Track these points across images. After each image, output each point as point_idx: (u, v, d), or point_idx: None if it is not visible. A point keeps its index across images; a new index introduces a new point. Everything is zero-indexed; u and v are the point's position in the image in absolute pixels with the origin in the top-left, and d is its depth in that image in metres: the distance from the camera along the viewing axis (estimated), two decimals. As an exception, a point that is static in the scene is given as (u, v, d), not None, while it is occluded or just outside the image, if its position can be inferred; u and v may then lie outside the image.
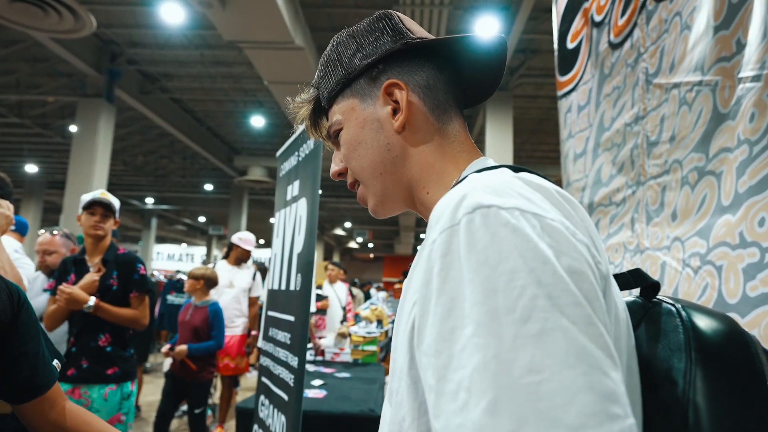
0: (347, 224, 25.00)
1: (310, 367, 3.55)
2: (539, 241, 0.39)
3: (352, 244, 30.49)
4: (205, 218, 24.69)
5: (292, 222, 2.13)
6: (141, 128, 12.09)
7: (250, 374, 6.80)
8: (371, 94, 0.64)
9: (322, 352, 4.08)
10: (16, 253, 2.61)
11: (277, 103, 9.57)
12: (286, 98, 0.73)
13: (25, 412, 0.96)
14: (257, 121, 11.17)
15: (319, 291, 5.29)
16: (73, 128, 9.66)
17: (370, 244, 31.60)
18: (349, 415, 2.36)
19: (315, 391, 2.74)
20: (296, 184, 2.16)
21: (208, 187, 17.52)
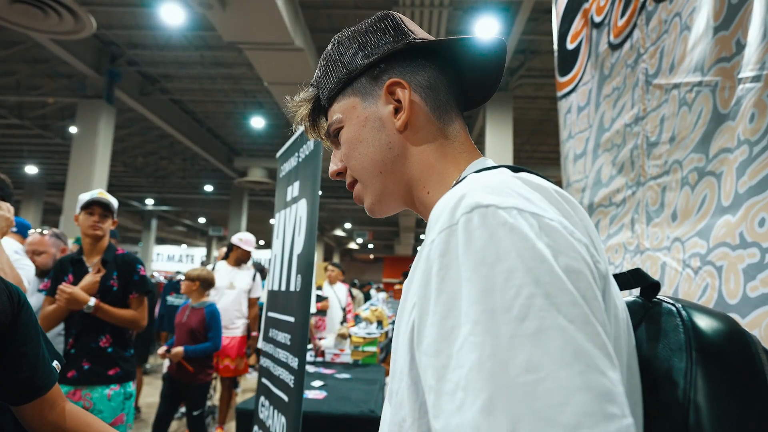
0: (347, 225, 25.00)
1: (310, 368, 3.55)
2: (537, 240, 0.39)
3: (352, 245, 30.50)
4: (205, 219, 24.69)
5: (292, 223, 2.13)
6: (141, 129, 12.09)
7: (250, 375, 6.80)
8: (373, 93, 0.64)
9: (322, 353, 4.08)
10: (16, 254, 2.59)
11: (277, 104, 9.58)
12: (286, 97, 0.73)
13: (24, 414, 0.96)
14: (257, 122, 11.18)
15: (319, 292, 5.29)
16: (73, 129, 9.67)
17: (370, 245, 31.60)
18: (350, 416, 2.36)
19: (315, 392, 2.74)
20: (296, 185, 2.16)
21: (208, 188, 17.53)
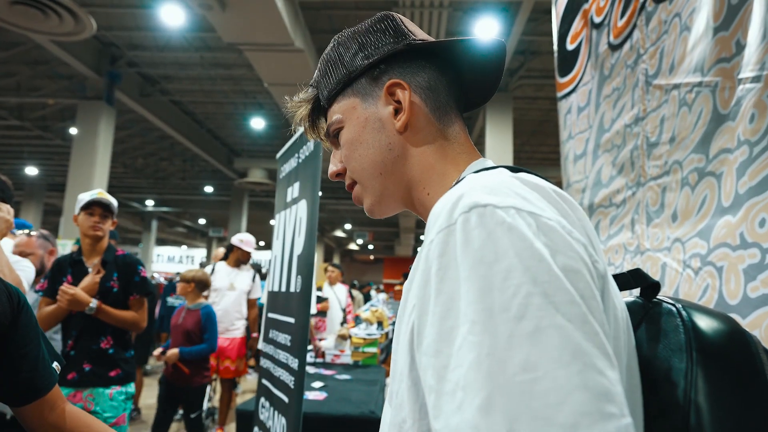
0: (347, 226, 25.00)
1: (311, 369, 3.55)
2: (535, 239, 0.39)
3: (353, 246, 30.50)
4: (206, 220, 24.69)
5: (292, 224, 2.13)
6: (141, 130, 12.10)
7: (251, 376, 6.80)
8: (373, 93, 0.64)
9: (322, 354, 4.08)
10: (17, 255, 2.59)
11: (277, 105, 9.59)
12: (285, 98, 0.73)
13: (24, 415, 0.96)
14: (257, 123, 11.19)
15: (319, 293, 5.28)
16: (74, 131, 9.68)
17: (371, 246, 31.60)
18: (350, 417, 2.36)
19: (315, 393, 2.74)
20: (296, 186, 2.16)
21: (209, 189, 17.53)
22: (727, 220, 1.11)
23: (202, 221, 24.86)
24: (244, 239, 4.37)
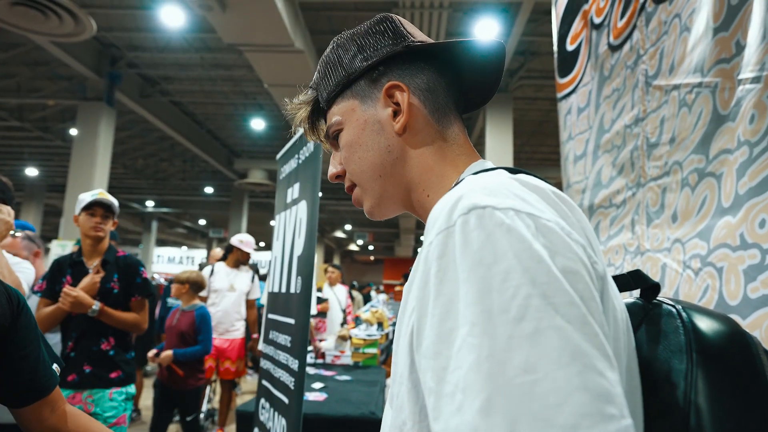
0: (347, 227, 25.00)
1: (311, 370, 3.55)
2: (534, 241, 0.39)
3: (353, 247, 30.50)
4: (206, 221, 24.69)
5: (292, 225, 2.13)
6: (141, 131, 12.11)
7: (250, 377, 6.80)
8: (372, 95, 0.64)
9: (322, 355, 4.07)
10: (17, 257, 2.59)
11: (277, 105, 9.59)
12: (285, 100, 0.73)
13: (24, 417, 0.96)
14: (257, 124, 11.19)
15: (319, 294, 5.28)
16: (74, 131, 9.69)
17: (371, 247, 31.60)
18: (350, 418, 2.36)
19: (315, 394, 2.74)
20: (296, 187, 2.16)
21: (209, 190, 17.53)
22: (727, 221, 1.11)
23: (203, 222, 24.86)
24: (243, 240, 4.37)
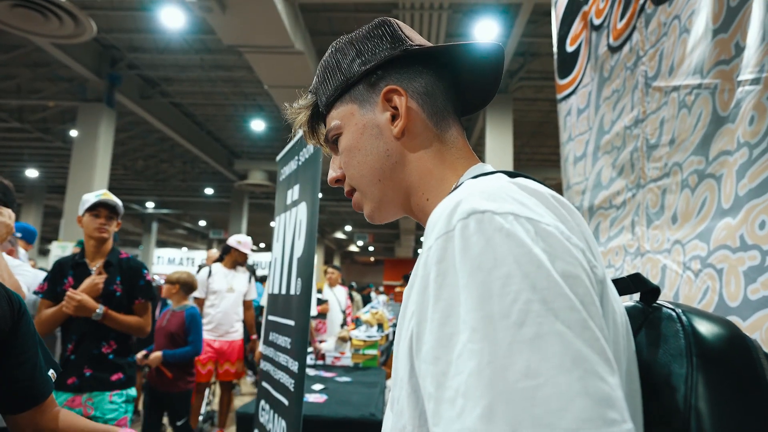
0: (347, 228, 25.00)
1: (311, 372, 3.54)
2: (533, 245, 0.39)
3: (353, 248, 30.50)
4: (206, 222, 24.69)
5: (292, 226, 2.13)
6: (141, 132, 12.11)
7: (249, 378, 6.79)
8: (370, 99, 0.64)
9: (322, 356, 4.07)
10: (17, 259, 2.59)
11: (277, 107, 9.59)
12: (285, 104, 0.74)
13: (17, 423, 0.95)
14: (257, 125, 11.20)
15: (319, 295, 5.28)
16: (74, 133, 9.69)
17: (371, 248, 31.60)
18: (350, 419, 2.36)
19: (315, 396, 2.73)
20: (296, 189, 2.16)
21: (209, 191, 17.54)
22: (727, 222, 1.11)
23: (203, 223, 24.85)
24: (242, 240, 4.36)
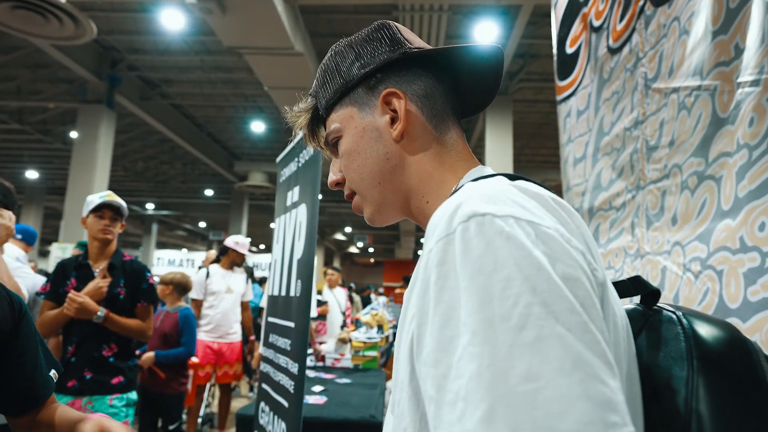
0: (347, 229, 25.00)
1: (311, 373, 3.54)
2: (534, 248, 0.39)
3: (353, 249, 30.48)
4: (206, 223, 24.69)
5: (292, 228, 2.13)
6: (141, 134, 12.12)
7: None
8: (369, 103, 0.64)
9: (322, 358, 4.07)
10: (18, 261, 2.58)
11: (277, 108, 9.61)
12: (284, 106, 0.74)
13: (18, 423, 0.95)
14: (257, 127, 11.20)
15: (319, 296, 5.28)
16: (74, 134, 9.70)
17: (371, 249, 31.59)
18: (350, 421, 2.35)
19: (315, 397, 2.73)
20: (296, 190, 2.16)
21: (209, 193, 17.54)
22: (727, 224, 1.11)
23: (203, 224, 24.85)
24: (239, 241, 4.35)
